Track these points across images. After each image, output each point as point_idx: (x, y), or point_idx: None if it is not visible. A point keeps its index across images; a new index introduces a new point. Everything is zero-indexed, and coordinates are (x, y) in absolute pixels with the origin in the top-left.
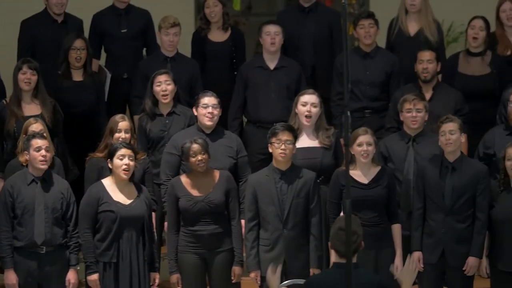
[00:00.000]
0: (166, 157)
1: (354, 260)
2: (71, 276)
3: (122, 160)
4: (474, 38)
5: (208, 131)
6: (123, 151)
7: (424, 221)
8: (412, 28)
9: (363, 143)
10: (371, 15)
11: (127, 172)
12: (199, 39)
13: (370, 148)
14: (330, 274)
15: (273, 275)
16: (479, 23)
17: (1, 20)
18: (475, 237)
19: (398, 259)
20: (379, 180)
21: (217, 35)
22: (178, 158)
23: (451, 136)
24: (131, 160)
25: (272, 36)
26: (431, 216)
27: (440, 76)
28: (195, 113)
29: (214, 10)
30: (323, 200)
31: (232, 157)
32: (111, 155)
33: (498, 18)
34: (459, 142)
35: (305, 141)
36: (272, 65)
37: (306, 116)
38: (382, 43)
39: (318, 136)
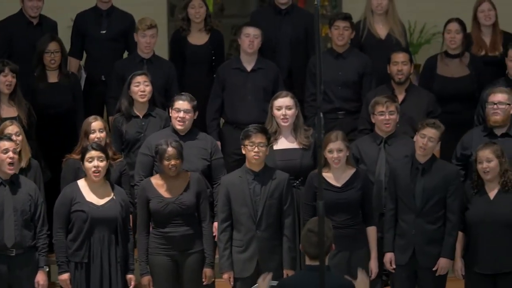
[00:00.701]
0: (140, 158)
1: (326, 262)
2: (40, 278)
3: (91, 163)
4: (452, 41)
5: (182, 133)
6: (92, 153)
7: (396, 222)
8: (381, 30)
9: (333, 150)
10: (348, 18)
11: (97, 174)
12: (178, 39)
13: (341, 154)
14: (302, 277)
15: (263, 282)
16: (455, 26)
17: None
18: (446, 238)
19: (373, 262)
20: (353, 183)
21: (197, 38)
22: (151, 159)
23: (429, 143)
24: (101, 161)
25: (251, 38)
26: (402, 217)
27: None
28: (170, 115)
29: (199, 12)
30: (298, 201)
31: (205, 159)
32: (82, 158)
33: (475, 18)
34: (432, 150)
35: (283, 143)
36: (249, 67)
37: (282, 120)
38: None
39: (296, 137)
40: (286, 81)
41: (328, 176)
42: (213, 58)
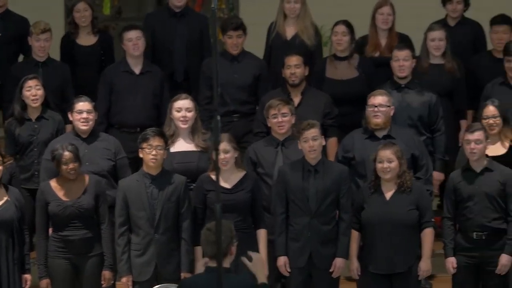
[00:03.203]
0: (44, 164)
1: (227, 264)
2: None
3: None
4: (338, 43)
5: (84, 136)
6: None
7: (288, 225)
8: (290, 32)
9: (220, 152)
10: (239, 27)
11: None
12: (68, 43)
13: (227, 155)
14: (202, 278)
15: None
16: (341, 28)
17: None
18: (341, 238)
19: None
20: (243, 185)
21: (86, 39)
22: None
23: (314, 143)
24: None
25: (134, 41)
26: (295, 220)
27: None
28: (70, 119)
29: (84, 15)
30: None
31: (110, 159)
32: None
33: (373, 18)
34: (321, 147)
35: (181, 146)
36: (137, 70)
37: (181, 122)
38: (252, 47)
39: (194, 139)
40: (183, 84)
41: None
42: (103, 59)
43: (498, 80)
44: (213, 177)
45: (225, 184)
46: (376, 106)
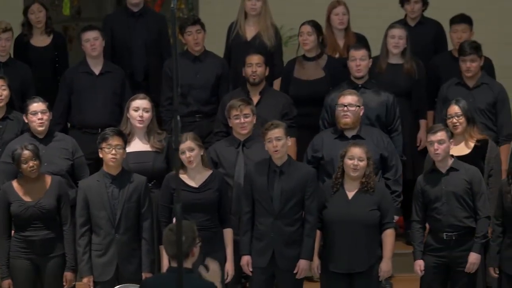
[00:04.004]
0: (2, 167)
1: (189, 265)
2: None
3: None
4: (304, 43)
5: (41, 136)
6: None
7: (253, 225)
8: (250, 32)
9: (185, 150)
10: (197, 21)
11: None
12: (22, 44)
13: (192, 153)
14: (163, 278)
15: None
16: (306, 28)
17: None
18: (305, 240)
19: (229, 264)
20: (210, 184)
21: (39, 40)
22: (14, 166)
23: (278, 143)
24: None
25: (91, 42)
26: (260, 220)
27: (278, 81)
28: (26, 120)
29: (39, 16)
30: (155, 204)
31: (68, 158)
32: None
33: (328, 20)
34: (286, 147)
35: (137, 145)
36: (97, 71)
37: (138, 121)
38: (212, 48)
39: (149, 140)
40: (142, 84)
41: (185, 177)
42: (57, 59)
43: (453, 81)
44: (181, 175)
45: (192, 183)
46: (345, 106)
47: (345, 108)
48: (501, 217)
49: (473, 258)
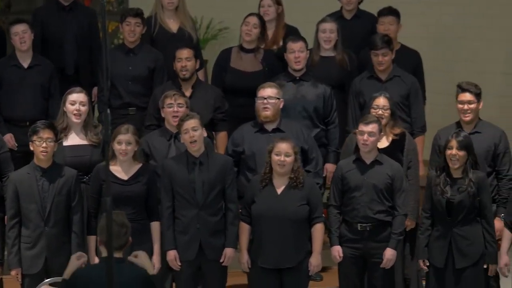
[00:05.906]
0: None
1: (121, 254)
2: None
3: None
4: (247, 34)
5: None
6: None
7: (176, 219)
8: (173, 25)
9: (122, 142)
10: (139, 15)
11: None
12: None
13: (129, 147)
14: (95, 268)
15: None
16: (253, 20)
17: None
18: (229, 228)
19: (156, 257)
20: (139, 177)
21: None
22: None
23: (195, 133)
24: None
25: (20, 35)
26: (182, 213)
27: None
28: None
29: None
30: (86, 196)
31: None
32: None
33: (258, 13)
34: (202, 138)
35: (74, 139)
36: (25, 64)
37: (74, 115)
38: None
39: (87, 133)
40: (72, 77)
41: (115, 169)
42: None
43: (366, 74)
44: (112, 167)
45: (121, 175)
46: (265, 98)
47: (265, 101)
48: (430, 210)
49: (389, 254)
